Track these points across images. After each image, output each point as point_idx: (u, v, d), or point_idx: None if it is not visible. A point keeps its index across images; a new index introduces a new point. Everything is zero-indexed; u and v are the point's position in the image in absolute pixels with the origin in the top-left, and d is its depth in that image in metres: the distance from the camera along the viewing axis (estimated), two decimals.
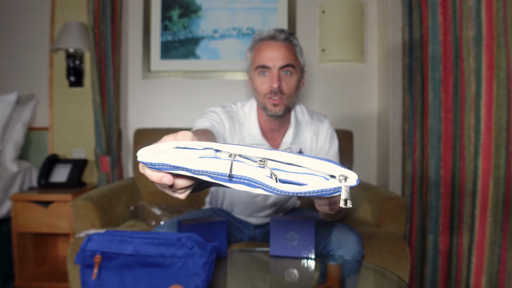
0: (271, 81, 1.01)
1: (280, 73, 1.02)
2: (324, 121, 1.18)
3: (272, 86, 1.00)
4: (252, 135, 1.09)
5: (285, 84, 1.02)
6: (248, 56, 1.09)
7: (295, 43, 1.06)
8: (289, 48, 1.03)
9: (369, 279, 0.97)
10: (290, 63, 1.02)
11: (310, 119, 1.18)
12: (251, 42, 1.08)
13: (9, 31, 2.04)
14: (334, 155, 1.18)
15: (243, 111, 1.13)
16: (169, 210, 1.66)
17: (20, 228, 1.65)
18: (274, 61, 1.01)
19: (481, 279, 1.12)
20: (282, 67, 1.01)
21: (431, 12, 1.38)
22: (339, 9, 1.94)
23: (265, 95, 1.03)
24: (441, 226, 1.37)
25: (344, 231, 1.05)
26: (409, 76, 1.57)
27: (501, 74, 1.06)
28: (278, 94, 1.02)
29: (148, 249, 0.75)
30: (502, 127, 1.07)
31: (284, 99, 1.03)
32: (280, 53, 1.01)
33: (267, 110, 1.05)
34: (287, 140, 1.12)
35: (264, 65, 1.02)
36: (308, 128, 1.16)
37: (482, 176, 1.11)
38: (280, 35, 1.02)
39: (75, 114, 2.04)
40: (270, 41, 1.02)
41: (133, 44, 2.04)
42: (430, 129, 1.41)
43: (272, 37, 1.02)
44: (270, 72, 1.02)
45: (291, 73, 1.03)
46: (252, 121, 1.10)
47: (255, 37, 1.07)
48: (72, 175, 1.83)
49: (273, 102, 1.02)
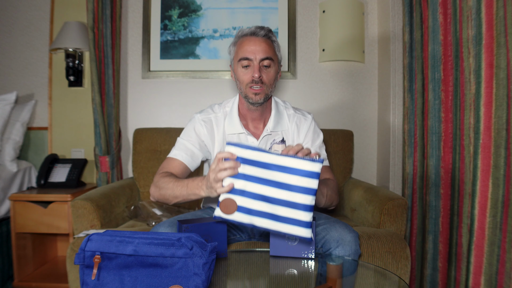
0: (252, 71, 1.13)
1: (261, 64, 1.13)
2: (306, 116, 1.29)
3: (254, 76, 1.12)
4: (233, 126, 1.21)
5: (265, 75, 1.14)
6: (231, 50, 1.20)
7: (274, 39, 1.18)
8: (269, 44, 1.15)
9: (369, 279, 0.97)
10: (269, 56, 1.14)
11: (294, 112, 1.28)
12: (234, 38, 1.20)
13: (9, 31, 2.04)
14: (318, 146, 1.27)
15: (225, 107, 1.26)
16: (169, 210, 1.66)
17: (19, 228, 1.65)
18: (256, 53, 1.12)
19: (480, 279, 1.12)
20: (262, 59, 1.13)
21: (431, 11, 1.37)
22: (339, 9, 1.94)
23: (247, 84, 1.15)
24: (441, 226, 1.37)
25: (340, 230, 1.05)
26: (410, 76, 1.57)
27: (501, 74, 1.05)
28: (259, 84, 1.13)
29: (147, 249, 0.75)
30: (502, 127, 1.07)
31: (264, 88, 1.15)
32: (261, 47, 1.13)
33: (248, 99, 1.16)
34: (269, 127, 1.22)
35: (246, 57, 1.13)
36: (290, 119, 1.26)
37: (481, 176, 1.10)
38: (260, 31, 1.14)
39: (75, 114, 2.04)
40: (251, 37, 1.14)
41: (133, 43, 2.04)
42: (430, 129, 1.41)
43: (254, 33, 1.14)
44: (252, 64, 1.14)
45: (270, 66, 1.15)
46: (233, 114, 1.22)
47: (238, 33, 1.18)
48: (72, 175, 1.83)
49: (254, 91, 1.14)
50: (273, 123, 1.22)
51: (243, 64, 1.14)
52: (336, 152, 1.80)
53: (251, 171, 0.79)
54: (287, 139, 1.25)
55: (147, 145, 1.80)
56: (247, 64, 1.13)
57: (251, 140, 1.22)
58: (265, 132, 1.22)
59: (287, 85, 2.04)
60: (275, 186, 0.78)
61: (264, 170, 0.79)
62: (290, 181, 0.78)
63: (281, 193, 0.78)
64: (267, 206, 0.78)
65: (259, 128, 1.24)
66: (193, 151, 1.20)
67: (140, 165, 1.80)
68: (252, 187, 0.79)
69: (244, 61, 1.13)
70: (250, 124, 1.24)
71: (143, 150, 1.80)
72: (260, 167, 0.79)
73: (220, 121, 1.23)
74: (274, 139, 1.24)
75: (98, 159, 1.86)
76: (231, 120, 1.22)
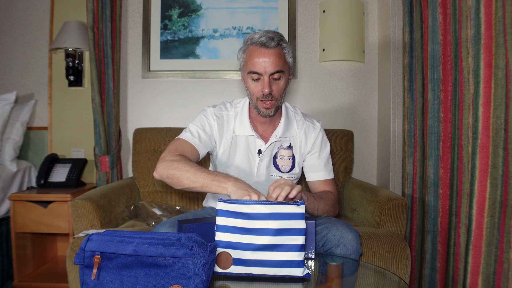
0: (262, 86, 1.11)
1: (271, 78, 1.11)
2: (315, 124, 1.28)
3: (264, 91, 1.10)
4: (243, 127, 1.21)
5: (275, 88, 1.12)
6: (240, 57, 1.17)
7: (285, 45, 1.13)
8: (279, 54, 1.11)
9: (369, 279, 0.97)
10: (279, 69, 1.10)
11: (303, 119, 1.28)
12: (243, 44, 1.15)
13: (8, 30, 2.04)
14: (325, 158, 1.27)
15: (236, 107, 1.24)
16: (169, 210, 1.66)
17: (19, 228, 1.65)
18: (266, 68, 1.09)
19: (477, 280, 1.12)
20: (272, 73, 1.10)
21: (431, 11, 1.37)
22: (339, 9, 1.94)
23: (257, 98, 1.14)
24: (440, 226, 1.37)
25: (342, 229, 1.06)
26: (410, 75, 1.57)
27: (499, 74, 1.05)
28: (269, 98, 1.12)
29: (147, 249, 0.75)
30: (500, 127, 1.06)
31: (274, 102, 1.14)
32: (271, 60, 1.09)
33: (259, 111, 1.16)
34: (278, 133, 1.22)
35: (255, 71, 1.10)
36: (299, 125, 1.26)
37: (480, 176, 1.11)
38: (271, 43, 1.09)
39: (75, 114, 2.04)
40: (261, 48, 1.09)
41: (133, 43, 2.04)
42: (429, 129, 1.41)
43: (264, 44, 1.09)
44: (262, 78, 1.11)
45: (280, 78, 1.12)
46: (244, 116, 1.21)
47: (247, 40, 1.13)
48: (71, 175, 1.83)
49: (264, 106, 1.13)
50: (282, 130, 1.22)
51: (253, 77, 1.12)
52: (336, 152, 1.80)
53: (243, 224, 0.85)
54: (294, 145, 1.25)
55: (147, 145, 1.80)
56: (257, 77, 1.11)
57: (259, 143, 1.21)
58: (274, 138, 1.21)
59: None
60: (266, 234, 0.84)
61: (254, 221, 0.85)
62: (280, 226, 0.84)
63: (273, 239, 0.84)
64: (261, 254, 0.84)
65: (268, 131, 1.24)
66: (205, 140, 1.18)
67: (140, 165, 1.80)
68: (245, 239, 0.84)
69: (253, 75, 1.11)
70: (259, 127, 1.24)
71: (143, 150, 1.80)
72: (250, 219, 0.85)
73: (231, 120, 1.23)
74: (281, 145, 1.24)
75: (98, 159, 1.86)
76: (241, 121, 1.21)
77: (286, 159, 1.24)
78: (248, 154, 1.22)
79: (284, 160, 1.23)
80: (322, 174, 1.26)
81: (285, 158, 1.24)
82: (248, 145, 1.22)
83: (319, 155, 1.26)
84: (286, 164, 1.24)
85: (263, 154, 1.21)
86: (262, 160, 1.22)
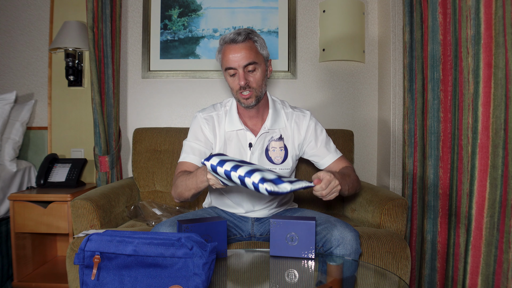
0: (238, 79, 1.17)
1: (245, 70, 1.16)
2: (305, 112, 1.32)
3: (240, 84, 1.16)
4: (232, 123, 1.26)
5: (252, 78, 1.17)
6: (218, 58, 1.23)
7: (256, 39, 1.19)
8: (249, 47, 1.16)
9: (369, 279, 0.97)
10: (252, 61, 1.15)
11: (292, 110, 1.31)
12: (219, 45, 1.21)
13: (8, 30, 2.04)
14: (324, 142, 1.30)
15: (225, 106, 1.30)
16: (169, 210, 1.66)
17: (19, 228, 1.65)
18: (238, 61, 1.15)
19: (477, 280, 1.12)
20: (245, 65, 1.15)
21: (431, 11, 1.37)
22: (339, 9, 1.94)
23: (237, 91, 1.19)
24: (439, 226, 1.37)
25: (341, 229, 1.06)
26: (410, 75, 1.57)
27: (499, 74, 1.05)
28: (247, 89, 1.17)
29: (147, 249, 0.75)
30: (500, 127, 1.06)
31: (253, 92, 1.18)
32: (242, 54, 1.14)
33: (241, 103, 1.22)
34: (266, 125, 1.25)
35: (230, 67, 1.16)
36: (289, 117, 1.30)
37: (479, 176, 1.11)
38: (238, 37, 1.15)
39: (74, 114, 2.04)
40: (231, 45, 1.16)
41: (133, 43, 2.04)
42: (429, 129, 1.41)
43: (233, 40, 1.15)
44: (237, 72, 1.17)
45: (255, 69, 1.17)
46: (233, 112, 1.27)
47: (220, 41, 1.20)
48: (71, 175, 1.83)
49: (244, 97, 1.19)
50: (270, 122, 1.25)
51: (230, 73, 1.18)
52: None
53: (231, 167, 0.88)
54: (286, 137, 1.28)
55: (147, 145, 1.80)
56: (233, 72, 1.17)
57: (249, 136, 1.24)
58: (263, 130, 1.25)
59: (287, 85, 2.04)
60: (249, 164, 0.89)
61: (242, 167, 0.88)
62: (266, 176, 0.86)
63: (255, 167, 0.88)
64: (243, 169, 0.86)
65: (257, 125, 1.27)
66: (201, 150, 1.24)
67: (140, 165, 1.80)
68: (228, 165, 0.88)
69: (230, 71, 1.17)
70: (248, 121, 1.28)
71: (142, 150, 1.80)
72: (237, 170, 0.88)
73: (221, 119, 1.28)
74: (272, 136, 1.26)
75: (97, 159, 1.86)
76: (230, 117, 1.26)
77: (278, 151, 1.26)
78: (239, 148, 1.25)
79: (276, 152, 1.26)
80: (330, 156, 1.28)
81: (277, 150, 1.26)
82: (239, 140, 1.25)
83: (316, 141, 1.29)
84: (278, 156, 1.26)
85: (253, 146, 1.23)
86: (253, 153, 1.23)
